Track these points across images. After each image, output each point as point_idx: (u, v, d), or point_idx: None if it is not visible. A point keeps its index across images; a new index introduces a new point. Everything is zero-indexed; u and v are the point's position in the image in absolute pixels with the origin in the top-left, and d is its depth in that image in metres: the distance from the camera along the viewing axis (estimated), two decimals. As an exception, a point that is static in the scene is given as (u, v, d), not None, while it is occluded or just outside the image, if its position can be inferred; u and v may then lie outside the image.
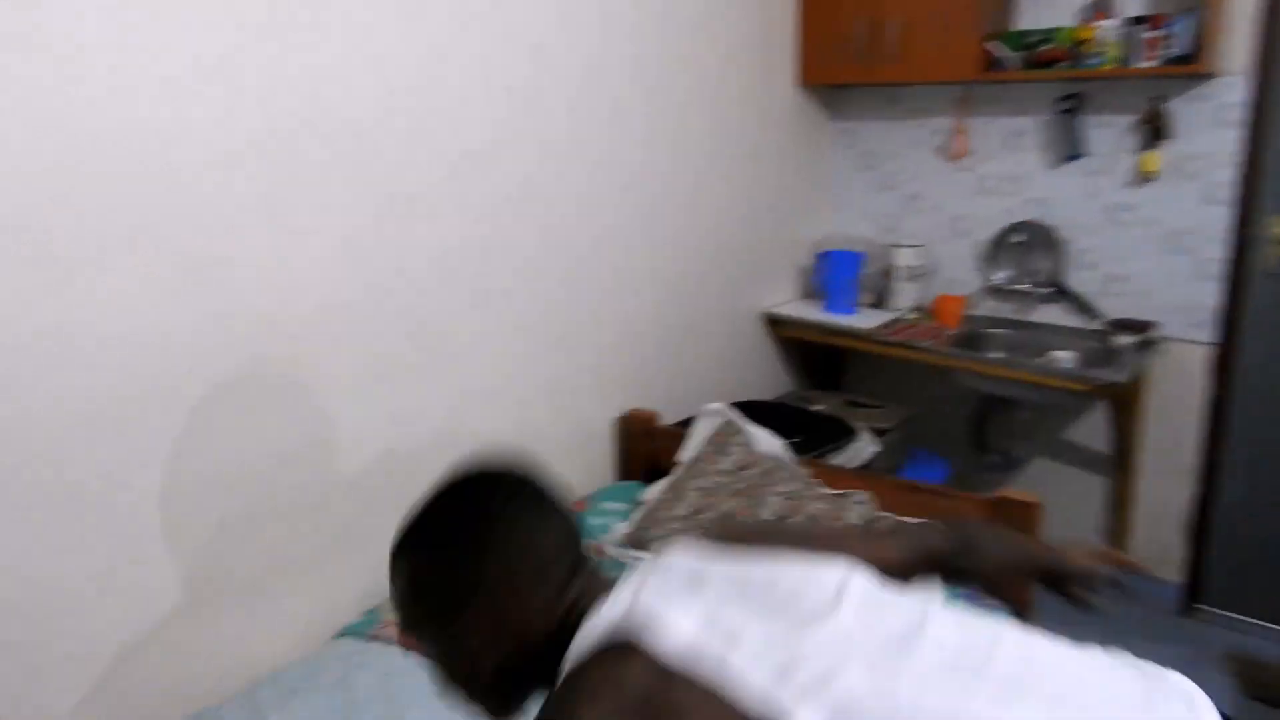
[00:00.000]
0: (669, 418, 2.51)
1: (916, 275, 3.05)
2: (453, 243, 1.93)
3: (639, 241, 2.46)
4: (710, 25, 2.59)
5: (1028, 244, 2.89)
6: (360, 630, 1.73)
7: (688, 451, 2.30)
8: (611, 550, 2.07)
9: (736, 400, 2.57)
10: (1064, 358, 2.64)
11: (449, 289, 1.94)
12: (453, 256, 1.94)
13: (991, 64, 2.68)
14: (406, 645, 1.63)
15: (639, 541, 2.07)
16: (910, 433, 2.97)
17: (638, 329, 2.51)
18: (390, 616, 1.75)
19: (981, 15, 2.66)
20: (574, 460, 2.35)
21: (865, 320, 2.94)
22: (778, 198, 3.05)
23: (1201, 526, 2.67)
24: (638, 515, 2.16)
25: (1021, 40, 2.64)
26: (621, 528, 2.14)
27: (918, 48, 2.75)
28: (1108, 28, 2.50)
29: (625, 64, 2.30)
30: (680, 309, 2.67)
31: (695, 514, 2.11)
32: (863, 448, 2.59)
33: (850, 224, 3.30)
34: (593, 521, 2.19)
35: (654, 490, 2.24)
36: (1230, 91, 2.46)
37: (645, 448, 2.43)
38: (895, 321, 2.95)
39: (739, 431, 2.30)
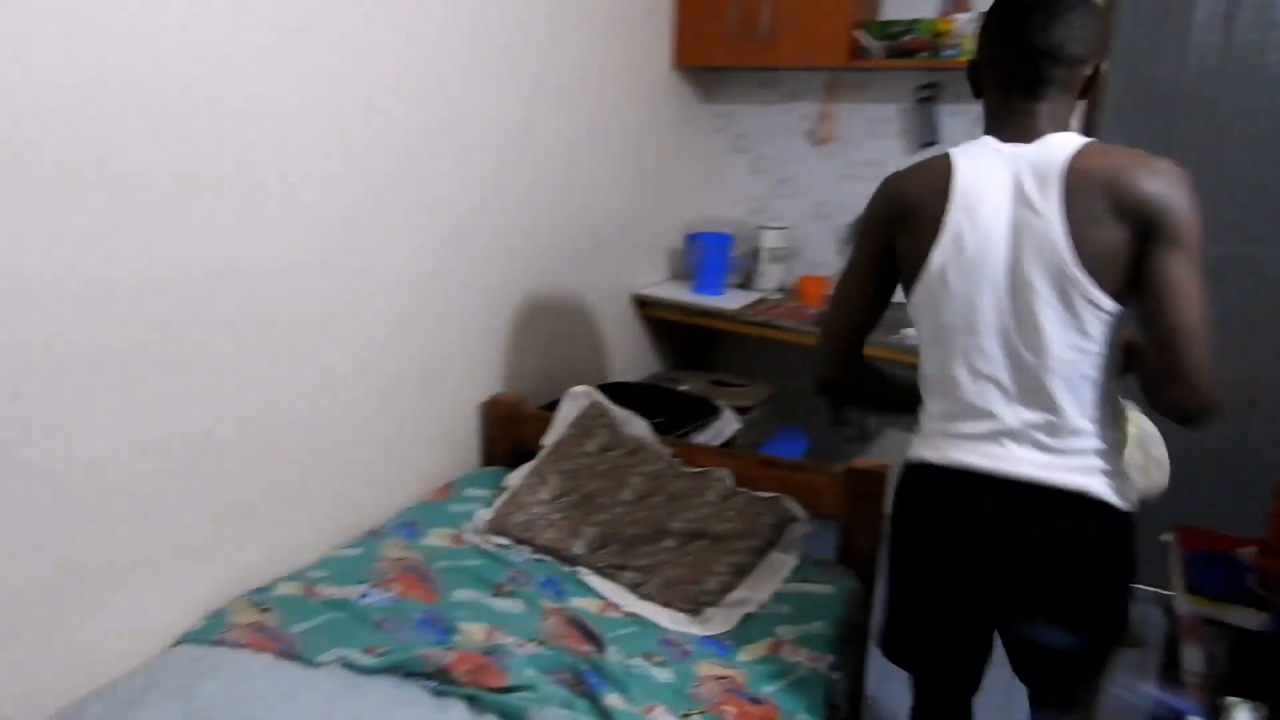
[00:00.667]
0: (539, 401, 2.50)
1: (782, 257, 3.12)
2: (317, 224, 1.84)
3: (508, 223, 2.41)
4: (585, 1, 2.54)
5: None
6: (203, 636, 1.64)
7: (552, 435, 2.30)
8: (472, 538, 2.04)
9: (606, 382, 2.58)
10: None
11: (315, 271, 1.86)
12: (318, 237, 1.85)
13: (858, 51, 2.74)
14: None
15: (501, 528, 2.06)
16: (775, 410, 3.05)
17: (507, 313, 2.47)
18: (238, 619, 1.68)
19: (850, 3, 2.71)
20: (439, 446, 2.31)
21: (732, 301, 2.99)
22: (651, 179, 3.05)
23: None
24: (500, 501, 2.15)
25: (886, 29, 2.71)
26: (484, 514, 2.13)
27: (789, 32, 2.78)
28: (965, 20, 2.60)
29: (497, 40, 2.24)
30: (550, 292, 2.64)
31: (558, 497, 2.12)
32: (725, 425, 2.64)
33: (723, 206, 3.33)
34: (456, 509, 2.16)
35: (517, 475, 2.23)
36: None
37: (511, 432, 2.41)
38: (760, 302, 3.02)
39: (604, 413, 2.31)
